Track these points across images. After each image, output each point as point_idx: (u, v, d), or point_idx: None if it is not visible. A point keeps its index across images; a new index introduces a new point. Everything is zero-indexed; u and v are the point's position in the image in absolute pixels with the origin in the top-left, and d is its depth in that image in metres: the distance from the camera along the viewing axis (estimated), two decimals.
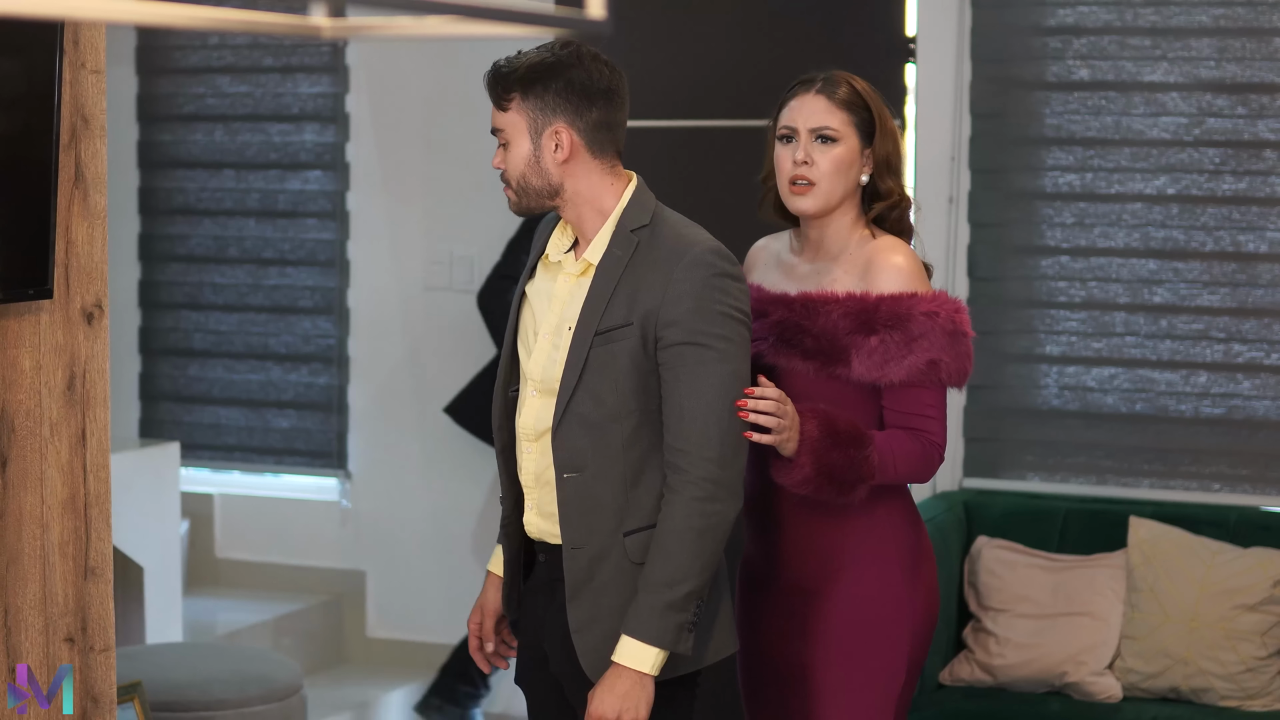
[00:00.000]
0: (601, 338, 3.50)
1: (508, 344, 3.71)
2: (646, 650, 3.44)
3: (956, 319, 3.70)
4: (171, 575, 6.06)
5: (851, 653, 3.78)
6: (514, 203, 3.62)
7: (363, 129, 6.67)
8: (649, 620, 3.43)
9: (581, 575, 3.54)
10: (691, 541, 3.44)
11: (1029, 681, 5.30)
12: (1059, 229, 5.79)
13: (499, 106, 3.60)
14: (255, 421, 6.89)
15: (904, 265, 3.73)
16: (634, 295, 3.49)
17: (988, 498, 5.68)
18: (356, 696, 6.33)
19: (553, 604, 3.64)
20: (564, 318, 3.58)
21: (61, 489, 3.62)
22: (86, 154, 3.64)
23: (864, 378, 3.69)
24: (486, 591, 3.85)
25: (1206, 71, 5.64)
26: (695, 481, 3.44)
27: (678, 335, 3.46)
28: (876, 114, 3.80)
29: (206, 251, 6.94)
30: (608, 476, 3.51)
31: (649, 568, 3.46)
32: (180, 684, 4.97)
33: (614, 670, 3.45)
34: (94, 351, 3.67)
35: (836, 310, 3.71)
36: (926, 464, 3.73)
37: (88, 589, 3.69)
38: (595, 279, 3.54)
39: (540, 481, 3.61)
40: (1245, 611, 5.18)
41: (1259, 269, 5.61)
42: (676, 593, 3.44)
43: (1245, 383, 5.64)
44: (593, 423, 3.51)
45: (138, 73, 6.98)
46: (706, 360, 3.46)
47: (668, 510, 3.46)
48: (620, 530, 3.52)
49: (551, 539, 3.62)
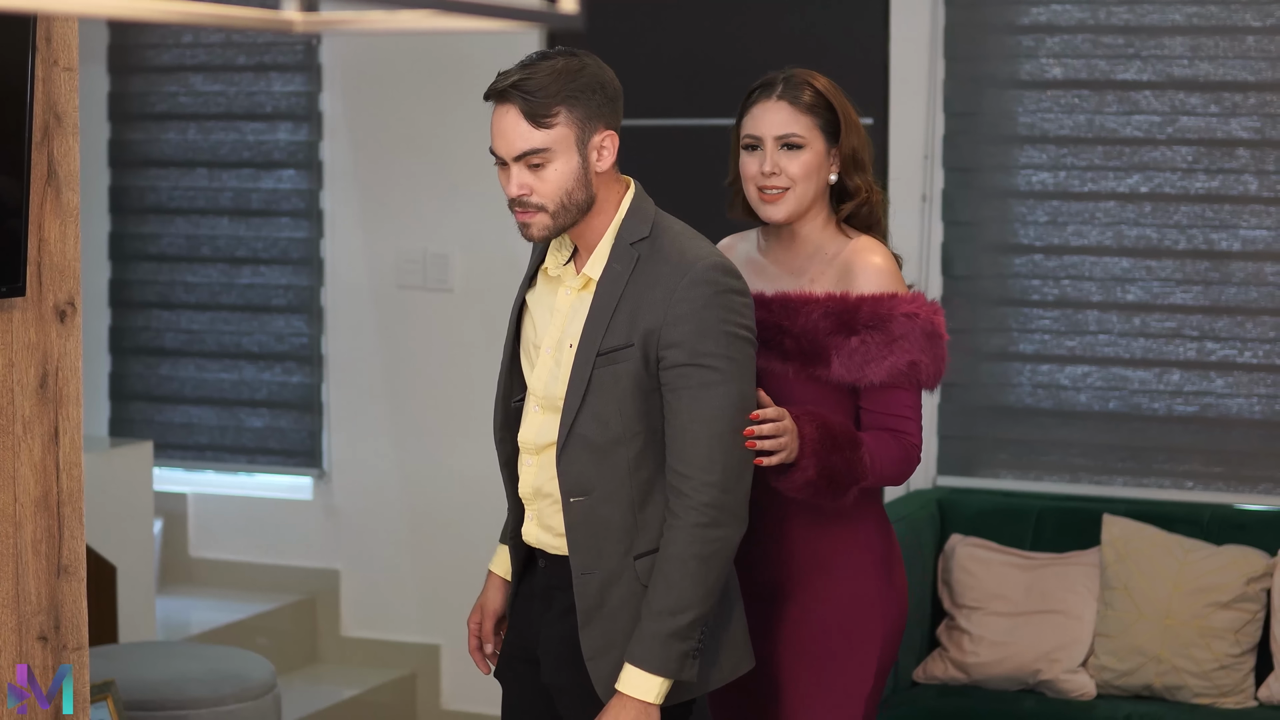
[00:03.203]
0: (604, 359, 3.39)
1: (508, 353, 3.62)
2: (650, 680, 3.36)
3: (935, 320, 3.70)
4: (145, 575, 6.04)
5: (823, 656, 3.77)
6: (545, 227, 3.41)
7: (336, 127, 6.66)
8: (652, 649, 3.35)
9: (593, 600, 3.45)
10: (694, 569, 3.36)
11: (1003, 679, 5.31)
12: (1032, 227, 5.80)
13: (540, 125, 3.36)
14: (228, 421, 6.87)
15: (883, 265, 3.73)
16: (635, 314, 3.38)
17: (961, 496, 5.69)
18: (331, 695, 6.32)
19: (549, 612, 3.58)
20: (566, 334, 3.48)
21: (34, 487, 3.61)
22: (59, 152, 3.63)
23: (843, 379, 3.68)
24: (488, 592, 3.80)
25: (1179, 70, 5.65)
26: (697, 507, 3.36)
27: (680, 356, 3.36)
28: (840, 112, 3.77)
29: (179, 250, 6.92)
30: (615, 499, 3.42)
31: (651, 595, 3.37)
32: (154, 683, 4.96)
33: (618, 700, 3.38)
34: (66, 349, 3.66)
35: (816, 310, 3.69)
36: (906, 465, 3.72)
37: (61, 587, 3.68)
38: (596, 296, 3.43)
39: (540, 494, 3.54)
40: (1219, 609, 5.19)
41: (1232, 267, 5.63)
42: (680, 621, 3.36)
43: (1218, 381, 5.65)
44: (597, 445, 3.41)
45: (110, 71, 6.96)
46: (710, 382, 3.36)
47: (669, 536, 3.37)
48: (630, 553, 3.43)
49: (552, 549, 3.56)
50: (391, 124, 6.56)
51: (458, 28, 1.77)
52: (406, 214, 6.54)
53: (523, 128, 3.36)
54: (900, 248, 4.02)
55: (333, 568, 6.74)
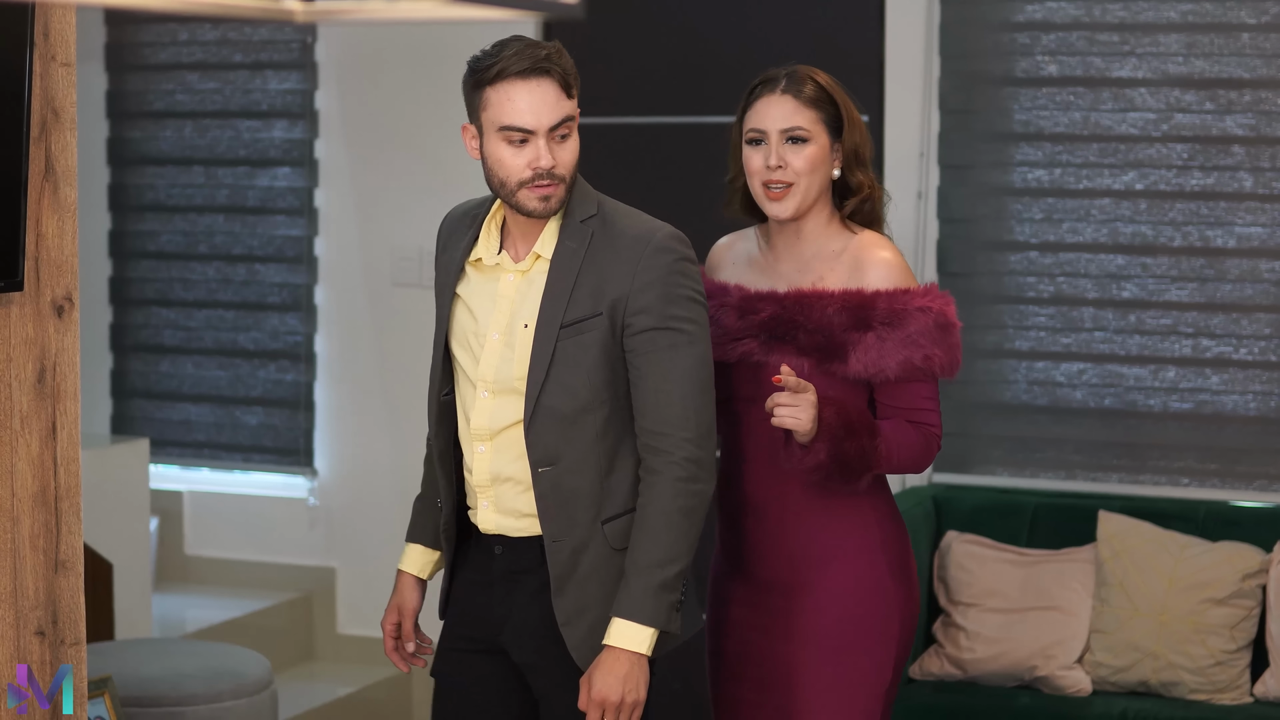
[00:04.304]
0: (569, 330, 3.51)
1: (440, 347, 3.69)
2: (642, 631, 3.49)
3: (946, 311, 3.74)
4: (141, 571, 6.05)
5: (840, 650, 3.76)
6: (560, 201, 3.54)
7: (332, 125, 6.66)
8: (643, 601, 3.48)
9: (565, 568, 3.55)
10: (679, 521, 3.50)
11: (998, 675, 5.31)
12: (1028, 224, 5.80)
13: (570, 95, 3.51)
14: (224, 418, 6.87)
15: (893, 260, 3.76)
16: (599, 285, 3.51)
17: (957, 492, 5.70)
18: (327, 693, 6.32)
19: (515, 596, 3.64)
20: (518, 316, 3.57)
21: (32, 482, 3.62)
22: (57, 147, 3.64)
23: (860, 374, 3.70)
24: (404, 592, 3.88)
25: (1175, 67, 5.66)
26: (679, 463, 3.50)
27: (648, 321, 3.50)
28: (843, 107, 3.79)
29: (176, 248, 6.93)
30: (583, 468, 3.54)
31: (637, 551, 3.50)
32: (151, 679, 4.97)
33: (610, 654, 3.49)
34: (64, 344, 3.67)
35: (832, 306, 3.70)
36: (925, 452, 3.76)
37: (58, 582, 3.68)
38: (552, 273, 3.54)
39: (498, 479, 3.61)
40: (1214, 605, 5.20)
41: (1227, 264, 5.63)
42: (668, 573, 3.49)
43: (1214, 377, 5.66)
44: (565, 415, 3.53)
45: (107, 69, 6.96)
46: (678, 344, 3.51)
47: (652, 493, 3.51)
48: (599, 519, 3.55)
49: (513, 532, 3.63)
50: (387, 122, 6.56)
51: (457, 17, 1.78)
52: (401, 211, 6.54)
53: (560, 97, 3.49)
54: (896, 244, 4.02)
55: (328, 565, 6.74)
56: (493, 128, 3.52)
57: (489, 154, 3.55)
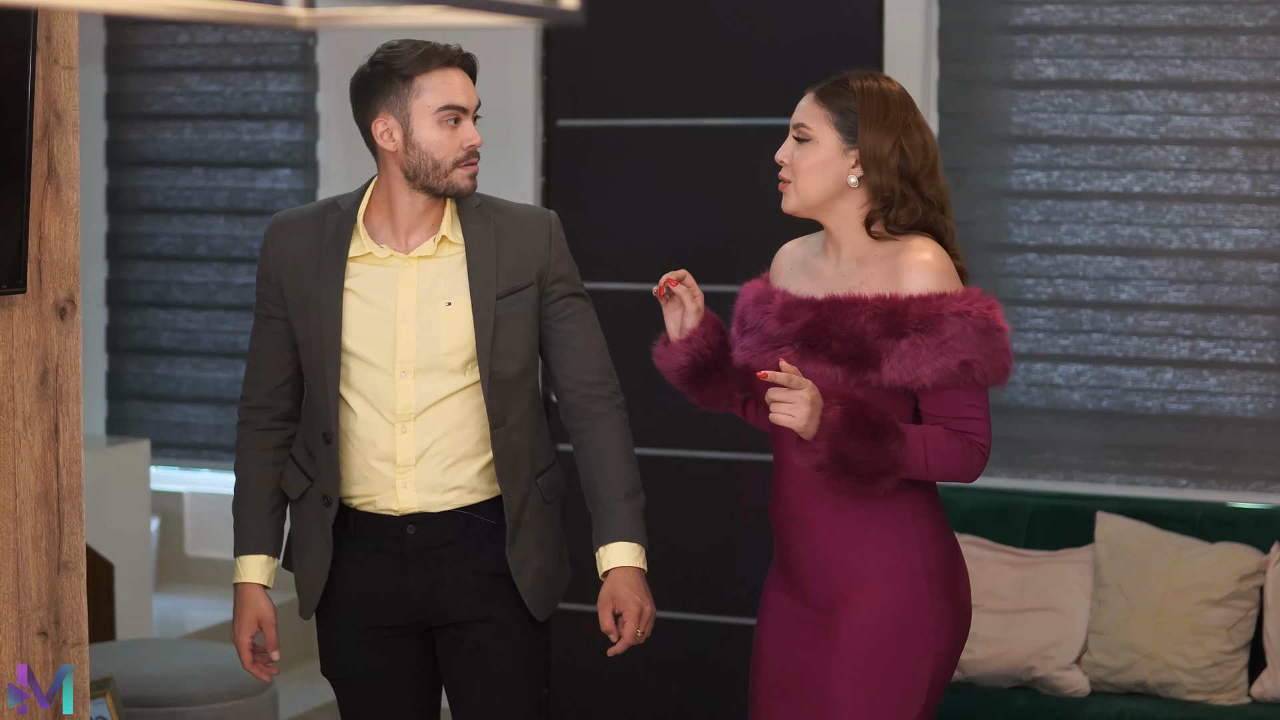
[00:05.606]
0: (506, 300, 3.75)
1: (330, 343, 3.73)
2: (638, 549, 3.81)
3: (989, 315, 3.54)
4: (142, 572, 6.06)
5: (873, 671, 3.62)
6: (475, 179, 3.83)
7: (332, 127, 6.67)
8: (634, 524, 3.82)
9: (514, 520, 3.80)
10: (631, 454, 3.88)
11: (996, 676, 5.32)
12: (1026, 226, 5.82)
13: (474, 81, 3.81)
14: (224, 420, 6.89)
15: (931, 262, 3.56)
16: (522, 258, 3.78)
17: (955, 494, 5.70)
18: (327, 693, 6.32)
19: (439, 568, 3.78)
20: (433, 296, 3.72)
21: (34, 483, 3.63)
22: (59, 149, 3.65)
23: (895, 383, 3.52)
24: (258, 603, 3.92)
25: (1172, 70, 5.67)
26: (620, 405, 3.88)
27: (567, 288, 3.84)
28: (863, 111, 3.60)
29: (175, 250, 6.94)
30: (523, 426, 3.82)
31: (610, 485, 3.84)
32: (152, 679, 4.98)
33: (622, 573, 3.79)
34: (66, 346, 3.68)
35: (864, 313, 3.54)
36: (966, 463, 3.58)
37: (61, 583, 3.69)
38: (471, 253, 3.74)
39: (425, 456, 3.75)
40: (1211, 606, 5.21)
41: (1224, 266, 5.65)
42: (640, 498, 3.86)
43: (1211, 379, 5.68)
44: (511, 378, 3.77)
45: (106, 71, 6.98)
46: (587, 309, 3.88)
47: (608, 434, 3.86)
48: (534, 473, 3.84)
49: (436, 508, 3.76)
50: None
51: (458, 23, 1.79)
52: None
53: (471, 82, 3.77)
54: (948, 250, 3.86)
55: None
56: (428, 112, 3.68)
57: (421, 139, 3.68)
